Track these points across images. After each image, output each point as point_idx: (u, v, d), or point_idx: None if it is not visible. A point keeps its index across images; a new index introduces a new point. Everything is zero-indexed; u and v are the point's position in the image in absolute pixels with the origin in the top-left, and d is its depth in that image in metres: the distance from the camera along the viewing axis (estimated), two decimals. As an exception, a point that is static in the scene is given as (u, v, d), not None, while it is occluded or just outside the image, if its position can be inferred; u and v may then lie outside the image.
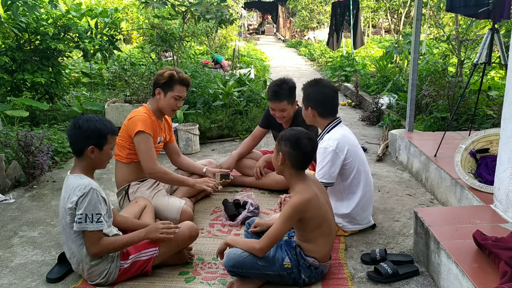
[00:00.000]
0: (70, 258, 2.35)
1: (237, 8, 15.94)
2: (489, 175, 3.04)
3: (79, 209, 2.19)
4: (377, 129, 5.87)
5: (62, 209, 2.28)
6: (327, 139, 2.73)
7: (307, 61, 15.31)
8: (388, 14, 11.20)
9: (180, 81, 3.09)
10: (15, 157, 3.93)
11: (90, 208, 2.20)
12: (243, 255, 2.22)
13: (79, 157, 2.33)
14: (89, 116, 2.31)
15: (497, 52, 4.38)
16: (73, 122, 2.31)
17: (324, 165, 2.69)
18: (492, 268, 2.03)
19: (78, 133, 2.27)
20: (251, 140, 3.83)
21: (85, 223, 2.19)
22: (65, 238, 2.32)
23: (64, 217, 2.27)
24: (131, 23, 13.41)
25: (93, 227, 2.20)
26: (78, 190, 2.20)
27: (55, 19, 5.48)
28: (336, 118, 2.84)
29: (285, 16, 29.58)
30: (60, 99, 6.02)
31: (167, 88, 3.09)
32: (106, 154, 2.36)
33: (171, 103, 3.11)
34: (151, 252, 2.40)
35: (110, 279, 2.35)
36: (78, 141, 2.29)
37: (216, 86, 6.38)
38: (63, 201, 2.27)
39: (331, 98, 2.81)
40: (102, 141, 2.30)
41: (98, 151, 2.31)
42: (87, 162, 2.32)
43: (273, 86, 3.42)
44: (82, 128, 2.26)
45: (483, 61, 3.59)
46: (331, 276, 2.42)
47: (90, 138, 2.27)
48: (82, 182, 2.24)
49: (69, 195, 2.23)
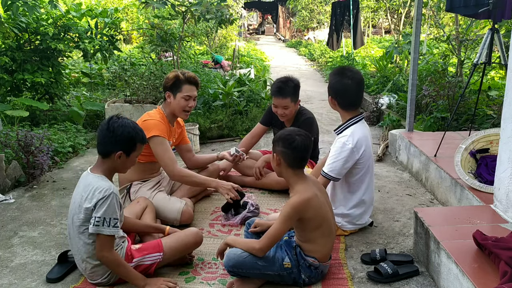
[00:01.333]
0: (74, 254, 2.34)
1: (237, 8, 15.93)
2: (489, 175, 3.04)
3: (98, 212, 2.17)
4: (377, 129, 5.87)
5: (77, 206, 2.25)
6: (348, 135, 2.68)
7: (307, 61, 15.31)
8: (388, 14, 11.19)
9: (186, 80, 3.09)
10: (15, 157, 3.93)
11: (109, 212, 2.18)
12: (243, 255, 2.22)
13: (104, 158, 2.31)
14: (124, 121, 2.30)
15: (497, 52, 4.38)
16: (107, 123, 2.29)
17: (337, 160, 2.66)
18: (492, 268, 2.03)
19: (110, 136, 2.26)
20: (250, 138, 3.80)
21: (102, 226, 2.17)
22: (72, 234, 2.30)
23: (76, 214, 2.24)
24: (131, 23, 13.41)
25: (109, 231, 2.18)
26: (98, 192, 2.18)
27: (55, 19, 5.48)
28: (360, 113, 2.78)
29: (285, 16, 29.57)
30: (60, 99, 6.02)
31: (175, 89, 3.09)
32: (131, 161, 2.36)
33: (182, 104, 3.11)
34: (155, 257, 2.39)
35: (112, 280, 2.35)
36: (108, 144, 2.28)
37: (216, 86, 6.38)
38: (81, 199, 2.23)
39: (353, 91, 2.71)
40: (131, 148, 2.31)
41: (125, 157, 2.30)
42: (111, 165, 2.32)
43: (277, 82, 3.43)
44: (116, 132, 2.26)
45: (483, 61, 3.59)
46: (331, 276, 2.42)
47: (121, 143, 2.27)
48: (104, 184, 2.22)
49: (89, 195, 2.20)
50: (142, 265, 2.37)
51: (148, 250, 2.40)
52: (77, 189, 2.32)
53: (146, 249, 2.41)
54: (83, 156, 4.75)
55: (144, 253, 2.38)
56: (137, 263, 2.36)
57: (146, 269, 2.38)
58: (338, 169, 2.67)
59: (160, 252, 2.40)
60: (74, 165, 4.47)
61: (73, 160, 4.64)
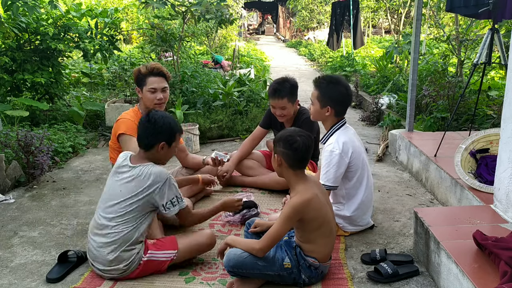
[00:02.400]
0: (108, 242, 2.32)
1: (237, 8, 15.95)
2: (489, 175, 3.04)
3: (169, 196, 2.35)
4: (377, 129, 5.87)
5: (131, 191, 2.31)
6: (333, 142, 2.70)
7: (307, 61, 15.32)
8: (388, 14, 11.20)
9: (149, 73, 3.04)
10: (15, 157, 3.93)
11: (176, 191, 2.40)
12: (243, 255, 2.22)
13: (147, 151, 2.42)
14: (163, 113, 2.45)
15: (497, 52, 4.38)
16: (147, 117, 2.40)
17: (329, 169, 2.67)
18: (492, 268, 2.03)
19: (152, 128, 2.38)
20: (250, 141, 3.81)
21: (178, 204, 2.40)
22: (113, 222, 2.31)
23: (132, 197, 2.30)
24: (131, 23, 13.41)
25: (183, 204, 2.43)
26: (159, 177, 2.33)
27: (55, 19, 5.48)
28: (342, 118, 2.81)
29: (285, 16, 29.58)
30: (60, 99, 6.01)
31: (141, 83, 3.05)
32: (172, 151, 2.50)
33: (149, 97, 3.04)
34: (170, 254, 2.41)
35: (130, 269, 2.35)
36: (150, 135, 2.39)
37: (216, 86, 6.38)
38: (138, 184, 2.31)
39: (348, 100, 2.78)
40: (172, 138, 2.44)
41: (167, 147, 2.43)
42: (153, 156, 2.42)
43: (274, 84, 3.43)
44: (158, 123, 2.38)
45: (483, 61, 3.59)
46: (331, 276, 2.42)
47: (163, 134, 2.40)
48: (160, 169, 2.36)
49: (153, 181, 2.31)
50: (155, 261, 2.39)
51: (164, 246, 2.42)
52: (132, 179, 2.33)
53: (161, 245, 2.43)
54: (83, 156, 4.75)
55: (160, 248, 2.41)
56: (150, 257, 2.38)
57: (159, 265, 2.40)
58: (332, 177, 2.67)
59: (175, 249, 2.42)
60: (74, 165, 4.47)
61: (73, 160, 4.64)
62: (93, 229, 2.41)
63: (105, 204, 2.39)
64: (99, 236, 2.36)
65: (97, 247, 2.35)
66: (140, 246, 2.38)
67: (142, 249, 2.39)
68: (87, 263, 2.60)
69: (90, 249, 2.41)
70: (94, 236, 2.38)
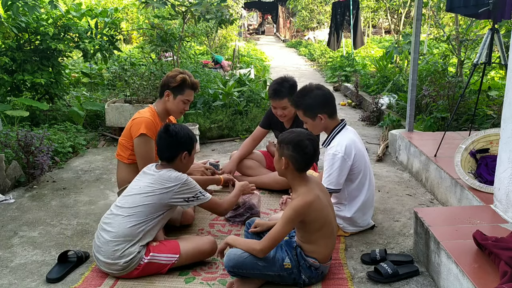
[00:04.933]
0: (117, 232, 2.36)
1: (237, 8, 15.94)
2: (489, 175, 3.04)
3: (191, 192, 2.46)
4: (377, 129, 5.87)
5: (150, 188, 2.40)
6: (335, 145, 2.69)
7: (307, 61, 15.31)
8: (388, 14, 11.20)
9: (191, 86, 3.09)
10: (15, 157, 3.93)
11: (196, 189, 2.49)
12: (243, 256, 2.22)
13: (170, 162, 2.53)
14: (180, 125, 2.57)
15: (497, 52, 4.38)
16: (165, 131, 2.51)
17: (332, 172, 2.66)
18: (492, 268, 2.03)
19: (173, 140, 2.50)
20: (251, 141, 3.82)
21: (201, 198, 2.50)
22: (124, 211, 2.39)
23: (149, 193, 2.39)
24: (131, 23, 13.41)
25: (206, 198, 2.53)
26: (178, 179, 2.43)
27: (55, 19, 5.47)
28: (341, 121, 2.80)
29: (285, 16, 29.57)
30: (60, 99, 6.01)
31: (178, 91, 3.05)
32: (192, 159, 2.62)
33: (180, 106, 3.09)
34: (171, 258, 2.42)
35: (129, 267, 2.36)
36: (173, 148, 2.51)
37: (216, 86, 6.38)
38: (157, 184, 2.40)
39: (331, 97, 2.78)
40: (191, 147, 2.56)
41: (188, 156, 2.55)
42: (177, 167, 2.52)
43: (273, 84, 3.45)
44: (179, 135, 2.50)
45: (483, 61, 3.59)
46: (331, 276, 2.42)
47: (184, 144, 2.52)
48: (177, 173, 2.45)
49: (172, 182, 2.41)
50: (157, 263, 2.40)
51: (166, 250, 2.44)
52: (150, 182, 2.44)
53: (164, 248, 2.44)
54: (83, 156, 4.75)
55: (162, 251, 2.42)
56: (151, 259, 2.39)
57: (159, 268, 2.41)
58: (335, 181, 2.67)
59: (177, 254, 2.43)
60: (74, 165, 4.47)
61: (73, 160, 4.64)
62: (104, 219, 2.48)
63: (122, 196, 2.50)
64: (107, 225, 2.41)
65: (103, 236, 2.40)
66: (142, 247, 2.39)
67: (143, 250, 2.39)
68: (87, 263, 2.61)
69: (95, 240, 2.46)
70: (103, 225, 2.44)
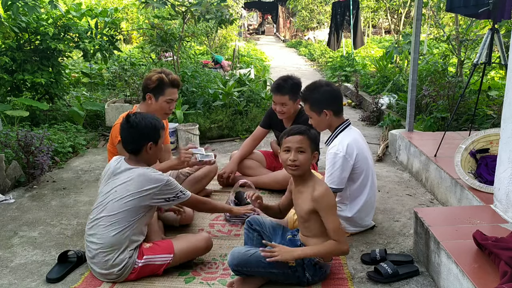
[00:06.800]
0: (103, 243, 2.31)
1: (237, 8, 15.94)
2: (489, 175, 3.04)
3: (171, 193, 2.40)
4: (377, 129, 5.87)
5: (128, 191, 2.31)
6: (337, 144, 2.69)
7: (307, 61, 15.31)
8: (388, 14, 11.20)
9: (170, 84, 2.99)
10: (15, 157, 3.93)
11: (177, 189, 2.43)
12: (247, 254, 2.21)
13: (137, 155, 2.43)
14: (142, 114, 2.43)
15: (497, 52, 4.38)
16: (126, 122, 2.39)
17: (334, 171, 2.66)
18: (492, 268, 2.03)
19: (135, 132, 2.38)
20: (251, 141, 3.83)
21: (182, 197, 2.45)
22: (104, 221, 2.32)
23: (127, 197, 2.31)
24: (131, 23, 13.41)
25: (186, 196, 2.47)
26: (158, 180, 2.35)
27: (55, 19, 5.47)
28: (346, 120, 2.80)
29: (285, 16, 29.57)
30: (60, 99, 6.01)
31: (158, 92, 2.98)
32: (160, 149, 2.49)
33: (164, 107, 3.01)
34: (165, 258, 2.41)
35: (124, 274, 2.34)
36: (136, 139, 2.40)
37: (216, 86, 6.38)
38: (136, 186, 2.32)
39: (339, 94, 2.81)
40: (157, 136, 2.44)
41: (154, 146, 2.43)
42: (144, 158, 2.44)
43: (278, 80, 3.51)
44: (139, 126, 2.37)
45: (483, 61, 3.59)
46: (331, 276, 2.42)
47: (148, 134, 2.40)
48: (157, 173, 2.38)
49: (152, 184, 2.33)
50: (152, 264, 2.38)
51: (159, 250, 2.41)
52: (129, 182, 2.34)
53: (157, 249, 2.42)
54: (83, 156, 4.75)
55: (156, 252, 2.40)
56: (146, 261, 2.36)
57: (155, 270, 2.39)
58: (337, 180, 2.66)
59: (171, 254, 2.41)
60: (74, 165, 4.47)
61: (73, 160, 4.64)
62: (88, 230, 2.42)
63: (99, 205, 2.39)
64: (92, 237, 2.36)
65: (91, 247, 2.36)
66: (132, 251, 2.35)
67: (135, 254, 2.36)
68: (87, 263, 2.60)
69: (86, 252, 2.42)
70: (89, 237, 2.39)
